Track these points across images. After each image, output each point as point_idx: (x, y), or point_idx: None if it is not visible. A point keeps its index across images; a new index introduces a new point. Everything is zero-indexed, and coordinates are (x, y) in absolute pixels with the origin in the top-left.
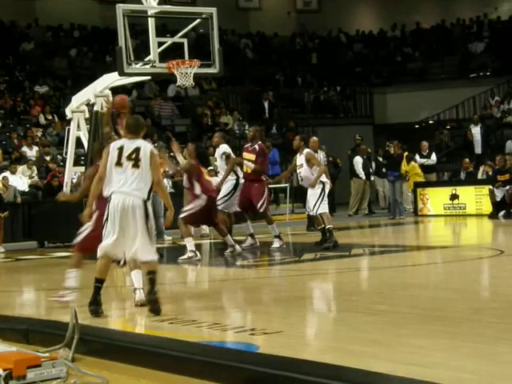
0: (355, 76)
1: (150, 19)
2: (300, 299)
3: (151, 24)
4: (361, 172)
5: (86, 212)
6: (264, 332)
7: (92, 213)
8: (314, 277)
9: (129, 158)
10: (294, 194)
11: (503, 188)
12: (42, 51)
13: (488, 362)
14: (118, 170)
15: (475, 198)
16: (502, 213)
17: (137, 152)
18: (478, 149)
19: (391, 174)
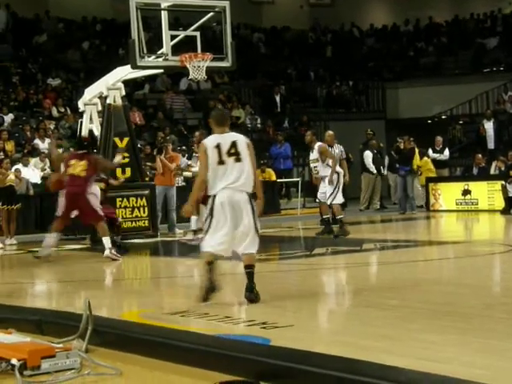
0: (368, 71)
1: (162, 12)
2: (311, 293)
3: (164, 17)
4: (371, 166)
5: (189, 208)
6: (275, 326)
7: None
8: (325, 271)
9: (229, 153)
10: (306, 188)
11: None
12: (54, 43)
13: (499, 357)
14: (222, 168)
15: (487, 194)
16: None
17: (235, 146)
18: (490, 144)
19: (402, 169)
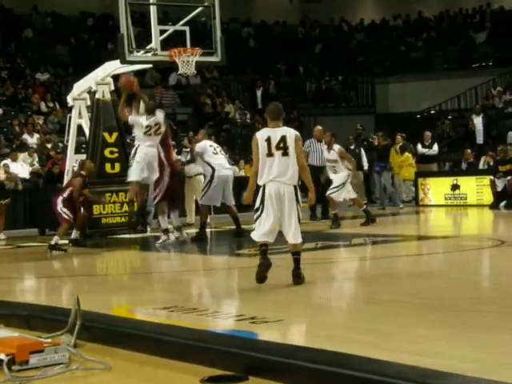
0: (357, 65)
1: (151, 7)
2: (300, 288)
3: (153, 12)
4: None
5: (247, 195)
6: (264, 321)
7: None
8: (315, 266)
9: (277, 147)
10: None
11: (504, 178)
12: (42, 38)
13: (488, 351)
14: (270, 160)
15: (476, 189)
16: (503, 203)
17: (284, 140)
18: (479, 139)
19: (377, 165)
